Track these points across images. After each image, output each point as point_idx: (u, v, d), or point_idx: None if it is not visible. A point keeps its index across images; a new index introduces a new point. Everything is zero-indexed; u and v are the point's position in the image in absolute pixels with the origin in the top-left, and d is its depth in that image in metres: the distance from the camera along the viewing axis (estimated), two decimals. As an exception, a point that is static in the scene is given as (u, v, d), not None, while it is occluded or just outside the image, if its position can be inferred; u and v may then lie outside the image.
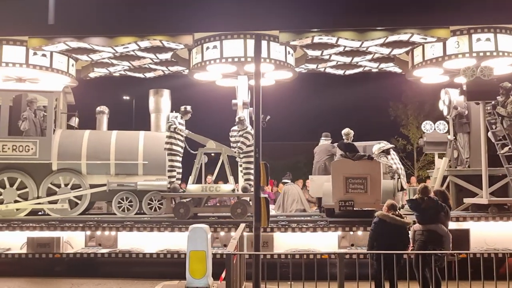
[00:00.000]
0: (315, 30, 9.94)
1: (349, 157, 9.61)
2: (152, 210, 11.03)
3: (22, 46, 10.72)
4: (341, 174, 9.57)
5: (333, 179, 9.65)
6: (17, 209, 10.76)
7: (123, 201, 11.08)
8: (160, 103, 11.99)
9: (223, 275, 6.60)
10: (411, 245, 7.05)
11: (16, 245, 9.98)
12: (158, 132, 11.82)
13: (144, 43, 10.34)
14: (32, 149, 10.73)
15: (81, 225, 9.79)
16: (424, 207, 6.99)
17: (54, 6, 10.63)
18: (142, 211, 11.11)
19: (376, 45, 10.68)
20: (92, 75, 12.92)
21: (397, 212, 7.02)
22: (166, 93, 12.05)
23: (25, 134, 10.84)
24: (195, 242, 7.28)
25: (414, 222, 7.18)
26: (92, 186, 11.15)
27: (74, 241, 9.99)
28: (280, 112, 14.67)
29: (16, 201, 10.75)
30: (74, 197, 11.06)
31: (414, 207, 7.14)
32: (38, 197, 10.87)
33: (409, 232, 7.07)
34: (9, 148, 10.70)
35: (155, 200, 11.00)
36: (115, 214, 10.92)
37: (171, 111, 11.82)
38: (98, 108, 11.99)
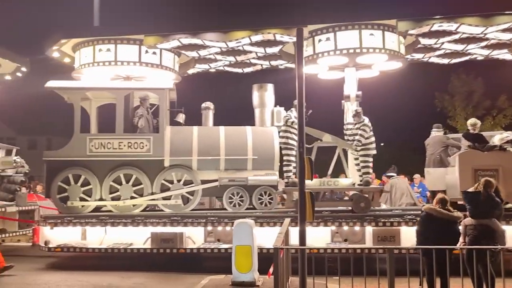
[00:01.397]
0: (437, 17, 9.58)
1: (478, 148, 9.21)
2: (263, 205, 10.99)
3: (135, 45, 10.98)
4: (469, 166, 9.21)
5: (460, 171, 9.29)
6: (133, 205, 10.96)
7: (234, 196, 11.10)
8: (265, 98, 11.96)
9: (271, 270, 6.49)
10: (462, 240, 6.71)
11: (138, 240, 10.18)
12: (264, 127, 11.77)
13: (257, 37, 10.35)
14: (146, 146, 10.95)
15: (203, 220, 9.87)
16: (481, 201, 6.62)
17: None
18: (252, 206, 11.09)
19: (497, 31, 10.20)
20: (190, 71, 13.06)
21: (446, 207, 6.75)
22: (270, 87, 12.00)
23: (139, 132, 11.05)
24: (241, 236, 7.50)
25: (465, 216, 6.79)
26: (202, 182, 11.22)
27: (194, 237, 10.09)
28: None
29: (132, 197, 10.97)
30: (186, 192, 11.13)
31: (469, 200, 6.76)
32: (152, 193, 11.03)
33: (460, 227, 6.76)
34: (124, 145, 10.95)
35: (266, 195, 10.95)
36: (219, 209, 10.94)
37: (275, 106, 11.76)
38: (204, 104, 12.11)
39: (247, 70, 13.29)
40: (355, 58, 10.76)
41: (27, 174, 14.15)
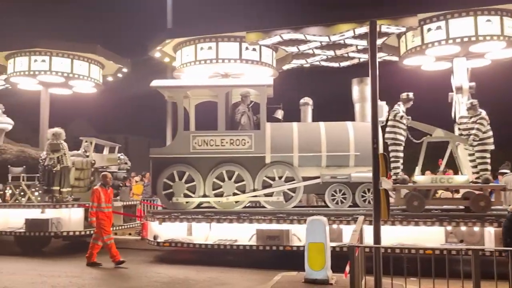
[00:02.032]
0: None
1: None
2: (366, 202, 10.64)
3: (235, 42, 10.97)
4: None
5: None
6: (236, 202, 11.03)
7: (336, 193, 10.84)
8: (365, 92, 11.56)
9: (347, 269, 6.28)
10: None
11: (242, 237, 10.21)
12: (365, 122, 11.38)
13: (361, 30, 9.95)
14: (248, 142, 10.97)
15: (305, 218, 9.68)
16: None
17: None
18: (355, 204, 10.77)
19: None
20: (285, 67, 12.92)
21: None
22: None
23: (240, 128, 11.10)
24: (314, 234, 7.40)
25: None
26: (303, 179, 11.07)
27: (299, 234, 9.96)
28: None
29: (234, 194, 11.03)
30: (288, 189, 11.03)
31: None
32: (254, 190, 11.04)
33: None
34: (226, 142, 11.03)
35: (369, 192, 10.58)
36: (319, 206, 10.71)
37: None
38: (302, 100, 11.97)
39: (344, 64, 12.96)
40: (468, 47, 10.10)
41: (128, 171, 14.75)
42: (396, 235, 9.28)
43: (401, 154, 9.96)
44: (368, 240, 8.22)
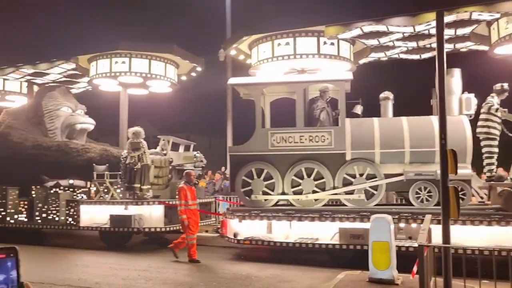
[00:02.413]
0: None
1: None
2: (454, 201, 10.02)
3: (313, 37, 10.73)
4: None
5: None
6: (315, 200, 10.82)
7: (421, 191, 10.34)
8: (451, 84, 10.94)
9: (415, 269, 6.13)
10: None
11: (324, 235, 10.01)
12: (452, 116, 10.77)
13: (450, 18, 9.38)
14: (327, 139, 10.74)
15: (395, 217, 9.32)
16: None
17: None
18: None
19: None
20: (362, 61, 12.51)
21: None
22: (457, 72, 10.98)
23: (319, 125, 10.87)
24: (378, 232, 7.23)
25: None
26: (385, 176, 10.66)
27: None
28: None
29: (314, 192, 10.83)
30: (370, 187, 10.67)
31: None
32: (334, 187, 10.78)
33: None
34: (305, 139, 10.85)
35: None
36: (401, 205, 10.25)
37: (462, 92, 10.69)
38: (382, 94, 11.55)
39: (425, 55, 12.36)
40: None
41: (203, 168, 14.94)
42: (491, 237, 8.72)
43: (496, 150, 9.33)
44: (455, 240, 7.75)
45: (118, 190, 13.05)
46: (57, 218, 13.34)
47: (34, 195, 14.00)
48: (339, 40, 11.01)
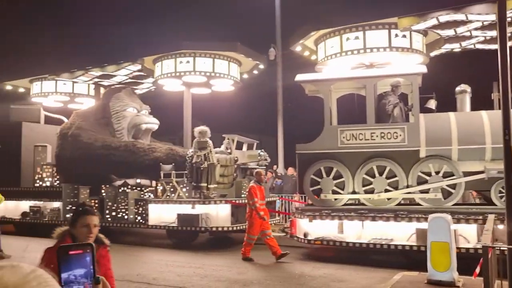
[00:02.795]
0: None
1: None
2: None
3: (384, 29, 10.30)
4: None
5: None
6: (388, 199, 10.43)
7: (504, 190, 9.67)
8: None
9: (477, 270, 5.93)
10: None
11: (399, 236, 9.61)
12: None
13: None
14: (400, 135, 10.31)
15: (479, 217, 8.79)
16: None
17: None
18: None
19: None
20: (434, 53, 11.91)
21: None
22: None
23: (391, 121, 10.45)
24: (437, 232, 7.06)
25: None
26: (463, 174, 10.11)
27: (466, 235, 9.08)
28: None
29: (386, 190, 10.43)
30: (447, 186, 10.14)
31: None
32: (407, 186, 10.33)
33: None
34: (377, 136, 10.46)
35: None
36: (479, 204, 9.66)
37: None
38: (459, 88, 10.98)
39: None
40: None
41: (267, 167, 14.83)
42: None
43: None
44: None
45: (184, 189, 13.17)
46: (126, 217, 13.66)
47: (104, 194, 14.42)
48: (411, 31, 10.52)
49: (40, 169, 15.69)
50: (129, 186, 14.51)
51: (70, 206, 14.66)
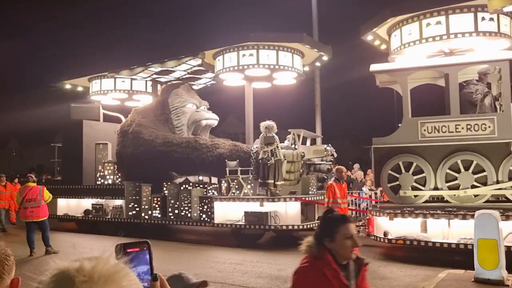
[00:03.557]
0: None
1: None
2: None
3: (469, 13, 9.58)
4: None
5: None
6: (475, 195, 9.74)
7: None
8: None
9: None
10: None
11: None
12: None
13: None
14: (489, 127, 9.63)
15: None
16: None
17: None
18: None
19: None
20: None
21: None
22: None
23: (478, 111, 9.75)
24: (484, 229, 6.90)
25: None
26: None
27: None
28: None
29: (473, 186, 9.73)
30: (543, 182, 9.37)
31: None
32: (497, 182, 9.60)
33: None
34: (462, 128, 9.79)
35: None
36: None
37: None
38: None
39: None
40: None
41: (332, 162, 14.32)
42: None
43: None
44: None
45: (249, 186, 12.87)
46: (189, 215, 13.48)
47: (166, 192, 14.31)
48: (499, 14, 9.77)
49: (102, 167, 15.75)
50: (191, 184, 14.35)
51: (132, 203, 14.67)
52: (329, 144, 13.67)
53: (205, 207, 13.03)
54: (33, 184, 11.46)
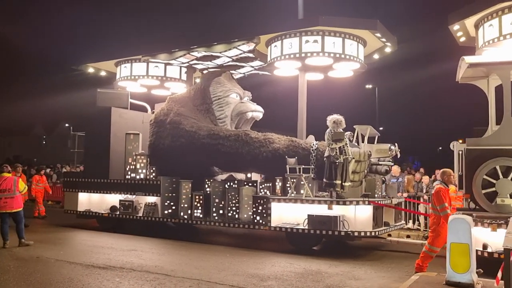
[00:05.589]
0: None
1: None
2: None
3: None
4: None
5: None
6: (515, 204, 9.16)
7: None
8: None
9: (499, 274, 6.20)
10: None
11: None
12: None
13: None
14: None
15: None
16: None
17: None
18: None
19: None
20: None
21: None
22: None
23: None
24: (457, 234, 7.27)
25: None
26: None
27: None
28: None
29: (512, 195, 9.14)
30: None
31: None
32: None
33: None
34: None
35: None
36: None
37: None
38: None
39: None
40: None
41: (393, 162, 13.48)
42: None
43: None
44: None
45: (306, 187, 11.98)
46: (237, 216, 12.51)
47: (208, 189, 13.30)
48: None
49: (132, 160, 14.64)
50: (236, 181, 13.38)
51: (169, 201, 13.64)
52: (395, 143, 12.80)
53: (260, 208, 12.07)
54: (8, 174, 11.52)
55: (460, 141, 11.19)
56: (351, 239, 11.76)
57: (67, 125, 53.87)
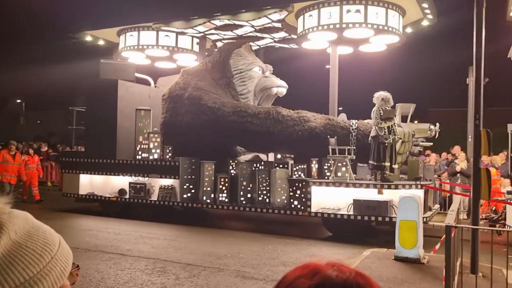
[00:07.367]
0: None
1: None
2: None
3: None
4: None
5: None
6: None
7: None
8: None
9: (437, 246, 7.06)
10: None
11: None
12: None
13: None
14: None
15: None
16: None
17: None
18: None
19: None
20: None
21: None
22: None
23: None
24: (406, 211, 7.76)
25: None
26: None
27: None
28: None
29: None
30: None
31: None
32: None
33: None
34: None
35: None
36: None
37: None
38: None
39: None
40: None
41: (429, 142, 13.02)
42: None
43: None
44: None
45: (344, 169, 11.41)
46: (267, 200, 11.82)
47: (234, 172, 12.52)
48: None
49: (144, 138, 13.61)
50: (262, 162, 12.65)
51: (188, 184, 12.78)
52: (436, 123, 12.31)
53: (298, 192, 11.39)
54: None
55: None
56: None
57: (18, 101, 51.54)
